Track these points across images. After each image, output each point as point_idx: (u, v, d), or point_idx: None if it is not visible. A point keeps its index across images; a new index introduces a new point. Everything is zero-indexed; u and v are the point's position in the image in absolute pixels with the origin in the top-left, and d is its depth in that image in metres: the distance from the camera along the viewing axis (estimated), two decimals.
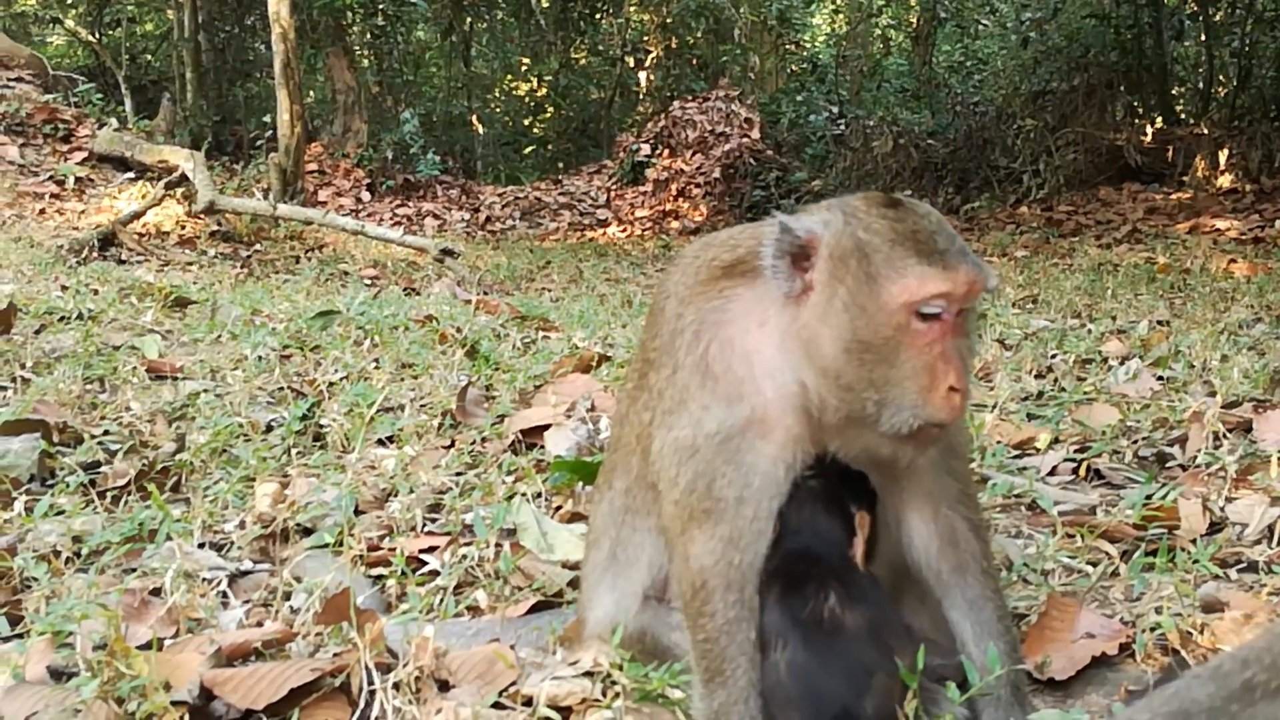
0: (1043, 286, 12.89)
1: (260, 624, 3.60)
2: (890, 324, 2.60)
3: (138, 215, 15.66)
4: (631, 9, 32.83)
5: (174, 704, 2.89)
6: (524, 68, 35.91)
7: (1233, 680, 2.06)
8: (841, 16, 35.32)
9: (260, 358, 6.80)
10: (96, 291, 9.36)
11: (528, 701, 2.99)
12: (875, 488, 2.98)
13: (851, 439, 2.75)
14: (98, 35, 32.64)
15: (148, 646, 3.05)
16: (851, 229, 2.68)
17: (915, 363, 2.60)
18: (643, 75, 32.93)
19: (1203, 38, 24.09)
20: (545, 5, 32.80)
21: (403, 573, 3.88)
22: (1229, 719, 2.02)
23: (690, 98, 28.20)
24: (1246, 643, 2.16)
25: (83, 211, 16.71)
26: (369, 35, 30.42)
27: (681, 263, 3.03)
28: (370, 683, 3.00)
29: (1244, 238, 17.04)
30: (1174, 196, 20.58)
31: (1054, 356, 7.30)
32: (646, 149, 27.49)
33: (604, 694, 2.99)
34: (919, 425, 2.62)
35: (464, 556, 3.98)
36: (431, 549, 4.14)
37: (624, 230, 24.83)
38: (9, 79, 20.07)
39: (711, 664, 2.76)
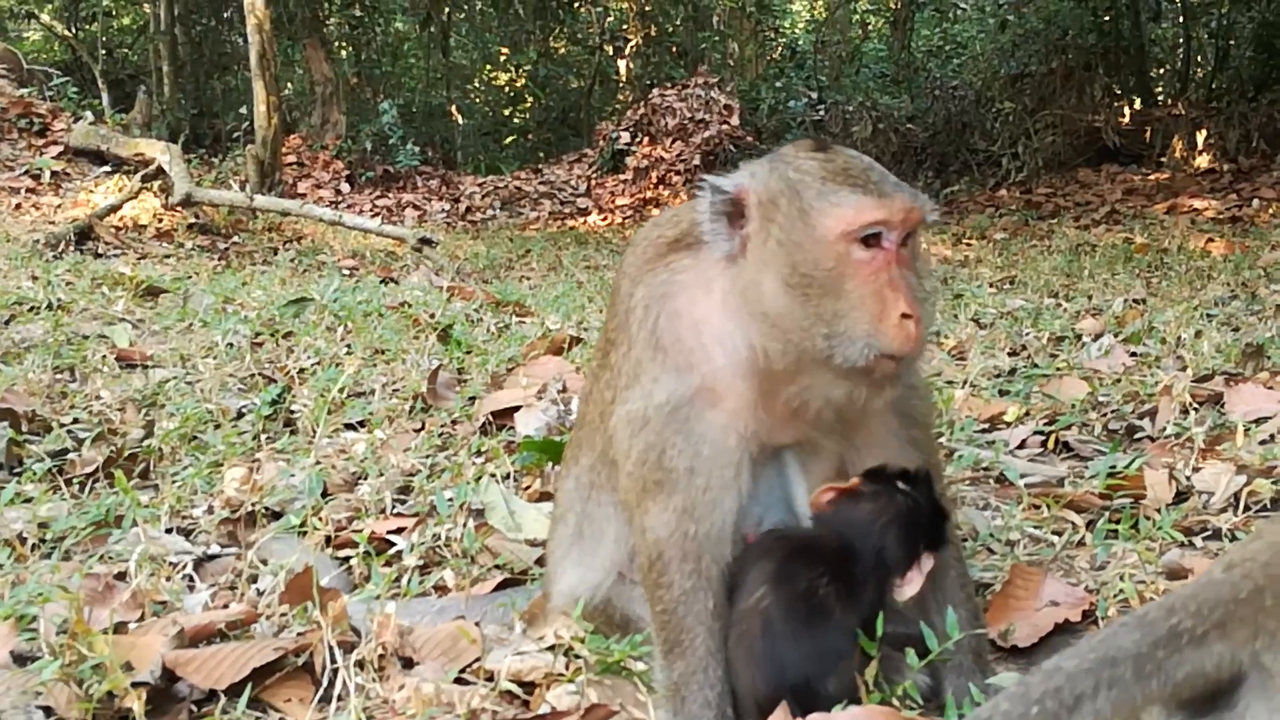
0: (1020, 268, 12.90)
1: (226, 606, 3.58)
2: (830, 255, 2.60)
3: (114, 209, 15.55)
4: None
5: (135, 685, 2.87)
6: (503, 57, 35.72)
7: (1159, 628, 2.08)
8: (820, 2, 35.27)
9: (231, 345, 6.77)
10: (70, 284, 9.30)
11: (490, 677, 2.99)
12: (845, 464, 2.98)
13: (808, 391, 2.72)
14: (74, 29, 32.44)
15: (112, 630, 3.04)
16: (780, 172, 2.71)
17: (862, 292, 2.59)
18: (622, 63, 32.82)
19: (1180, 19, 24.17)
20: None
21: (367, 553, 3.87)
22: (1155, 665, 2.04)
23: (669, 85, 28.06)
24: (1173, 591, 2.18)
25: (59, 206, 16.60)
26: (346, 26, 30.33)
27: (633, 244, 3.08)
28: (333, 661, 3.00)
29: (1221, 217, 17.07)
30: (1152, 177, 20.62)
31: (1028, 334, 7.31)
32: (626, 137, 27.37)
33: (566, 668, 2.99)
34: (874, 356, 2.59)
35: (431, 536, 3.98)
36: (399, 530, 4.13)
37: (604, 219, 24.77)
38: None
39: (670, 634, 2.77)
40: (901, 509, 2.82)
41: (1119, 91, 23.45)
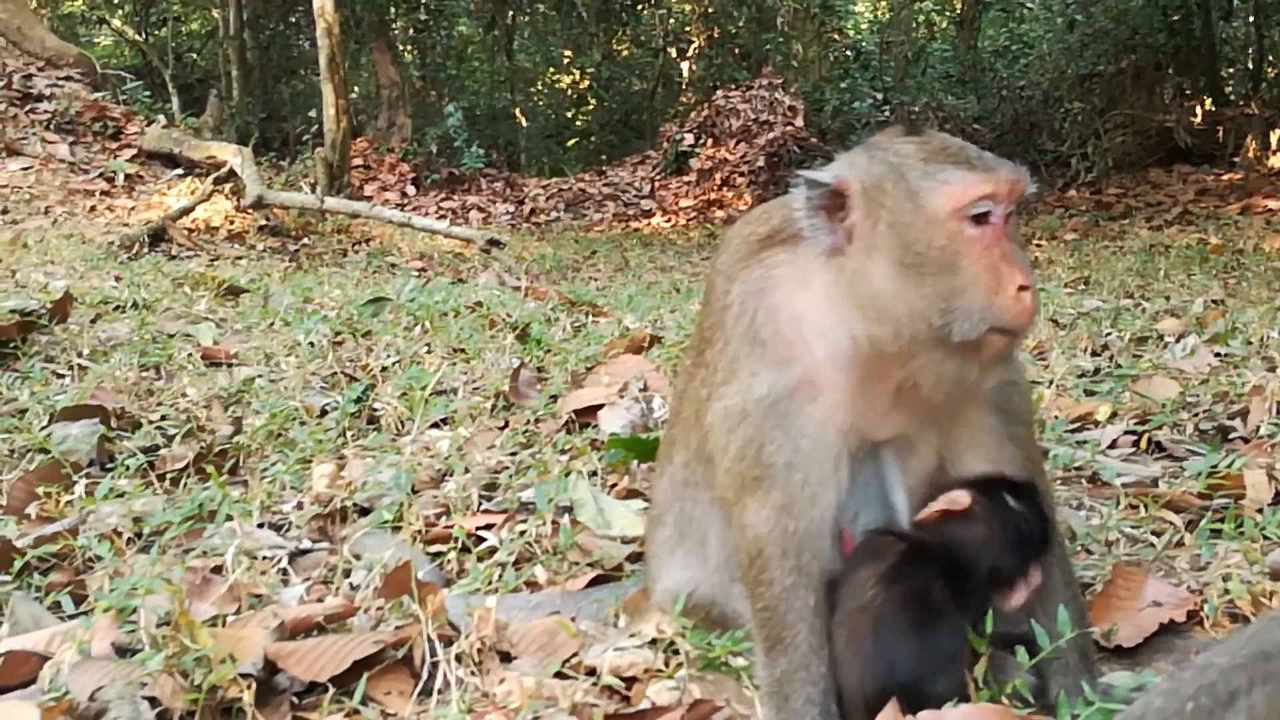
0: (1094, 268, 12.77)
1: (321, 600, 3.61)
2: (942, 234, 2.60)
3: (187, 211, 15.74)
4: None
5: (242, 677, 2.90)
6: (566, 60, 35.88)
7: None
8: (884, 2, 35.13)
9: (313, 344, 6.83)
10: (150, 284, 9.43)
11: (590, 672, 2.99)
12: (944, 461, 2.95)
13: (919, 372, 2.71)
14: (144, 34, 32.92)
15: (211, 622, 3.07)
16: (880, 157, 2.73)
17: (977, 267, 2.59)
18: (685, 65, 32.81)
19: (1251, 18, 23.85)
20: None
21: (463, 548, 3.89)
22: None
23: (733, 87, 28.03)
24: None
25: (133, 208, 16.80)
26: (412, 30, 30.55)
27: (726, 242, 3.08)
28: (433, 654, 3.01)
29: None
30: (1225, 177, 20.39)
31: (1109, 334, 7.22)
32: (690, 139, 27.37)
33: (667, 664, 2.99)
34: (987, 330, 2.59)
35: (522, 532, 3.99)
36: (488, 526, 4.14)
37: (669, 220, 24.78)
38: (58, 78, 20.19)
39: (772, 632, 2.76)
40: (1013, 527, 2.79)
41: (1190, 91, 23.21)
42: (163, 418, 5.53)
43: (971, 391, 2.82)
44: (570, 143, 34.75)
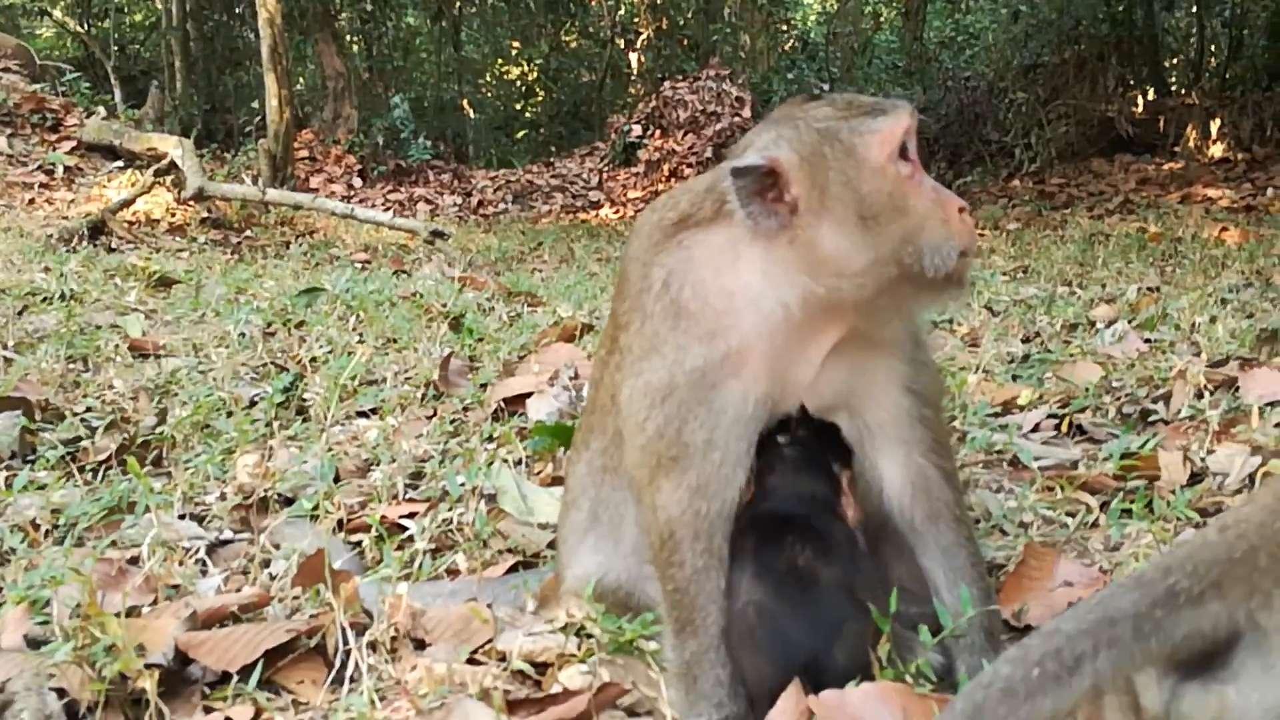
0: (1034, 257, 12.83)
1: (239, 590, 3.58)
2: (887, 180, 2.68)
3: (127, 203, 15.58)
4: None
5: (148, 666, 2.87)
6: (514, 51, 35.82)
7: (1156, 588, 2.08)
8: None
9: (243, 334, 6.78)
10: (82, 275, 9.32)
11: (502, 657, 2.98)
12: (847, 438, 2.97)
13: (880, 313, 2.80)
14: (86, 26, 32.57)
15: (126, 613, 3.04)
16: (804, 125, 2.75)
17: (921, 201, 2.70)
18: (633, 56, 32.80)
19: (1193, 8, 24.09)
20: None
21: (380, 536, 3.86)
22: (1153, 624, 2.05)
23: (681, 78, 27.98)
24: (1168, 552, 2.18)
25: (72, 200, 16.60)
26: (358, 21, 30.36)
27: (636, 232, 3.05)
28: (345, 643, 2.99)
29: (1235, 206, 17.04)
30: (1166, 167, 20.58)
31: (1041, 321, 7.28)
32: (638, 130, 27.34)
33: (579, 648, 2.99)
34: (957, 256, 2.69)
35: (443, 520, 3.98)
36: (411, 515, 4.13)
37: (616, 211, 24.74)
38: None
39: (682, 614, 2.76)
40: (793, 456, 2.86)
41: (1132, 81, 23.41)
42: (88, 409, 5.46)
43: (891, 372, 2.91)
44: (518, 134, 34.70)
